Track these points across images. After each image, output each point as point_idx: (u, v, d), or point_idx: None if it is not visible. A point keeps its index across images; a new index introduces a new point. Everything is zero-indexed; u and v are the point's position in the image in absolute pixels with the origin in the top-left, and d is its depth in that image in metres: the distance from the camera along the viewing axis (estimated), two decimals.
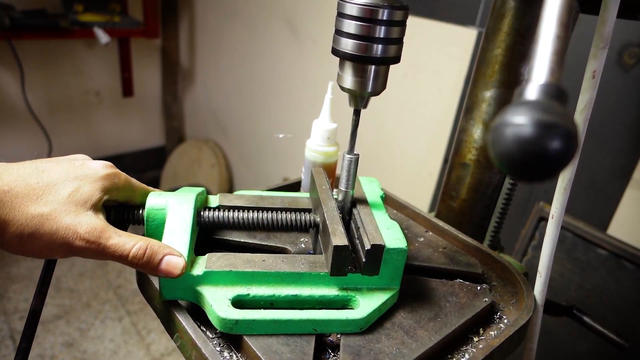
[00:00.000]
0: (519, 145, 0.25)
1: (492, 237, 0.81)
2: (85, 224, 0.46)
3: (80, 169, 0.49)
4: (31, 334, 0.51)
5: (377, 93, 0.51)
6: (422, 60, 1.44)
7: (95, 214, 0.47)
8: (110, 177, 0.51)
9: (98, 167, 0.51)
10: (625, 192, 1.06)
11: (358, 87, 0.50)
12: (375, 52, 0.47)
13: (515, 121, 0.25)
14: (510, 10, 0.64)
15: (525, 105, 0.26)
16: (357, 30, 0.46)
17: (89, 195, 0.48)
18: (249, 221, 0.57)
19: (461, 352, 0.52)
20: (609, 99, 1.03)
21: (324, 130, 0.72)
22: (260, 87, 2.27)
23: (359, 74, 0.49)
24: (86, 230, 0.45)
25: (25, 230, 0.44)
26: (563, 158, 0.25)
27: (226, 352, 0.48)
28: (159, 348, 1.99)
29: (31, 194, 0.45)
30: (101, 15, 2.35)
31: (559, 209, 0.57)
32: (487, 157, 0.73)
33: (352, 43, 0.47)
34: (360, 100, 0.52)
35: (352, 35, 0.47)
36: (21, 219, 0.44)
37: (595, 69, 0.52)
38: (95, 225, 0.46)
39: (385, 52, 0.47)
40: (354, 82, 0.50)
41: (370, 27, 0.46)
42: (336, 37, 0.48)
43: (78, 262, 2.42)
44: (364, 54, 0.47)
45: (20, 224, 0.44)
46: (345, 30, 0.47)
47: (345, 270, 0.50)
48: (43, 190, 0.46)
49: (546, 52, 0.29)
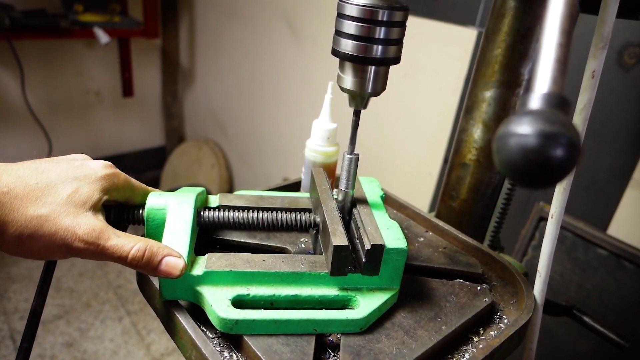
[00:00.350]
0: (523, 155, 0.25)
1: (492, 237, 0.81)
2: (84, 225, 0.46)
3: (79, 169, 0.49)
4: (32, 334, 0.51)
5: (377, 94, 0.51)
6: (422, 61, 1.44)
7: (95, 214, 0.47)
8: (110, 177, 0.51)
9: (97, 167, 0.51)
10: (625, 192, 1.06)
11: (358, 88, 0.50)
12: (375, 52, 0.47)
13: (519, 131, 0.26)
14: (510, 10, 0.64)
15: (529, 116, 0.26)
16: (357, 31, 0.46)
17: (88, 196, 0.48)
18: (249, 221, 0.57)
19: (461, 352, 0.52)
20: (609, 99, 1.03)
21: (324, 130, 0.72)
22: (260, 87, 2.27)
23: (358, 74, 0.49)
24: (85, 231, 0.45)
25: (24, 232, 0.44)
26: (566, 166, 0.25)
27: (226, 352, 0.48)
28: (159, 348, 1.99)
29: (30, 195, 0.45)
30: (101, 15, 2.35)
31: (558, 208, 0.57)
32: (487, 157, 0.73)
33: (352, 44, 0.47)
34: (360, 101, 0.52)
35: (352, 36, 0.47)
36: (20, 221, 0.44)
37: (594, 69, 0.52)
38: (94, 227, 0.46)
39: (385, 53, 0.47)
40: (354, 83, 0.50)
41: (370, 28, 0.46)
42: (336, 37, 0.48)
43: (78, 262, 2.41)
44: (363, 54, 0.47)
45: (19, 226, 0.44)
46: (345, 31, 0.47)
47: (345, 270, 0.50)
48: (42, 191, 0.46)
49: (549, 60, 0.29)
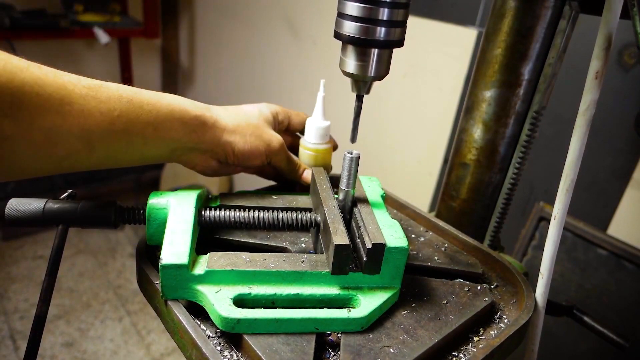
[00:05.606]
0: None
1: (492, 237, 0.81)
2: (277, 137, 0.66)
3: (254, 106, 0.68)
4: (37, 337, 0.52)
5: (380, 77, 0.50)
6: (422, 60, 1.45)
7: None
8: (273, 107, 0.70)
9: (263, 105, 0.69)
10: (625, 192, 1.06)
11: (361, 72, 0.49)
12: (379, 35, 0.46)
13: None
14: (510, 10, 0.64)
15: None
16: (359, 13, 0.45)
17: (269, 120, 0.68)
18: (250, 220, 0.57)
19: (461, 351, 0.52)
20: (609, 99, 1.03)
21: (317, 128, 0.72)
22: (260, 87, 2.27)
23: (361, 57, 0.48)
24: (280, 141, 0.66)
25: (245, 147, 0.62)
26: None
27: (227, 352, 0.48)
28: (159, 348, 1.99)
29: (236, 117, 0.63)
30: (101, 15, 2.36)
31: (561, 210, 0.57)
32: (487, 157, 0.73)
33: (354, 26, 0.46)
34: (363, 85, 0.51)
35: (355, 18, 0.45)
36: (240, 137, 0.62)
37: (597, 70, 0.52)
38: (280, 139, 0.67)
39: (389, 35, 0.46)
40: (357, 67, 0.49)
41: (373, 9, 0.45)
42: (338, 20, 0.47)
43: (78, 262, 2.42)
44: (366, 36, 0.46)
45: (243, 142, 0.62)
46: (347, 13, 0.46)
47: (346, 269, 0.50)
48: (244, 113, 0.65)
49: None
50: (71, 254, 2.47)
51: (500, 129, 0.70)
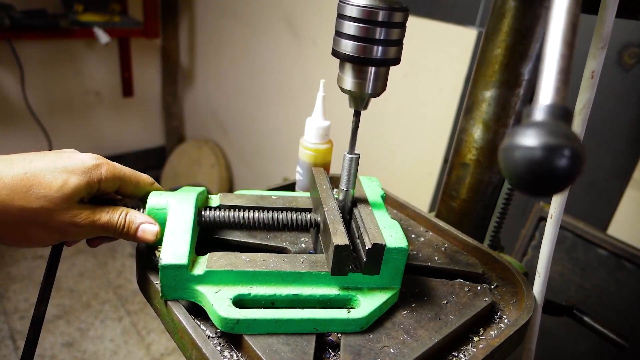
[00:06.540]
0: (529, 167, 0.26)
1: (492, 237, 0.81)
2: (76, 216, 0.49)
3: (68, 160, 0.50)
4: (35, 337, 0.52)
5: (377, 94, 0.51)
6: (422, 61, 1.44)
7: (84, 203, 0.51)
8: (98, 168, 0.51)
9: (86, 158, 0.51)
10: (625, 192, 1.06)
11: (358, 89, 0.50)
12: (375, 53, 0.47)
13: (524, 144, 0.26)
14: (510, 10, 0.64)
15: (533, 127, 0.27)
16: (357, 32, 0.46)
17: (76, 187, 0.49)
18: (250, 221, 0.57)
19: (461, 351, 0.52)
20: (609, 99, 1.03)
21: (317, 128, 0.72)
22: (260, 87, 2.27)
23: (358, 75, 0.49)
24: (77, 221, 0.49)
25: (19, 223, 0.47)
26: (570, 176, 0.26)
27: (226, 352, 0.48)
28: (159, 348, 1.99)
29: (19, 185, 0.46)
30: (101, 15, 2.35)
31: (557, 209, 0.57)
32: (487, 157, 0.73)
33: (352, 44, 0.47)
34: (360, 102, 0.52)
35: (352, 37, 0.47)
36: (13, 211, 0.46)
37: (594, 69, 0.52)
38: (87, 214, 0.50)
39: (385, 54, 0.47)
40: (354, 84, 0.50)
41: (370, 29, 0.46)
42: (336, 38, 0.48)
43: (78, 262, 2.42)
44: (363, 55, 0.47)
45: (12, 215, 0.46)
46: (345, 32, 0.47)
47: (346, 269, 0.50)
48: (31, 180, 0.47)
49: (551, 71, 0.30)
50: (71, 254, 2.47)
51: (500, 129, 0.70)
